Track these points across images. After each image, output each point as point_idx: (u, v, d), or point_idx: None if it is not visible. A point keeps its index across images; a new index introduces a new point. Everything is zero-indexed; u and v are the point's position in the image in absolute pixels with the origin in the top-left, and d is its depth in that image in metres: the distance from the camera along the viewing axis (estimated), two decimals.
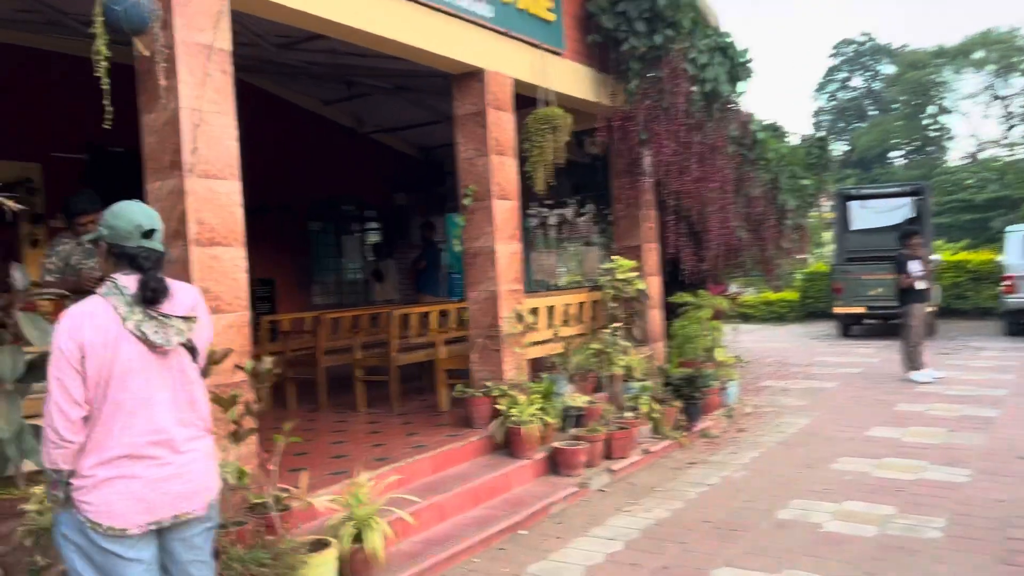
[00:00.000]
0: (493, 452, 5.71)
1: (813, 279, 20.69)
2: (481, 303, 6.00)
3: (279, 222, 11.97)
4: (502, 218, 5.98)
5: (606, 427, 6.17)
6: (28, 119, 9.20)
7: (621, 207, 7.81)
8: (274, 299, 11.97)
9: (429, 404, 7.15)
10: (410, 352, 7.14)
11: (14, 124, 9.08)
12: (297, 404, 7.61)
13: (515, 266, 6.07)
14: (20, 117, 8.88)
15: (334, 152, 12.69)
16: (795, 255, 11.25)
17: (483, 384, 5.96)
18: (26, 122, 8.90)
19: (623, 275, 5.89)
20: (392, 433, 5.97)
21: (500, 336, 5.89)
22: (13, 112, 8.92)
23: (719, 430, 7.48)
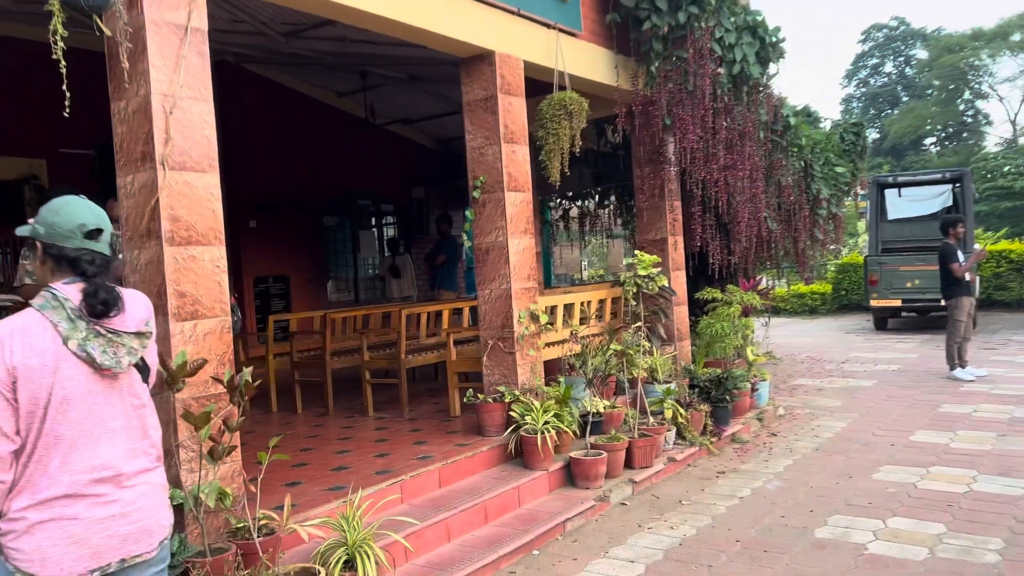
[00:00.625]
0: (505, 462, 5.33)
1: (846, 271, 20.03)
2: (492, 302, 5.61)
3: (294, 218, 11.68)
4: (515, 211, 5.58)
5: (628, 434, 5.76)
6: (34, 115, 8.95)
7: (644, 198, 7.36)
8: (289, 296, 11.68)
9: (441, 407, 6.79)
10: (421, 354, 6.77)
11: (20, 120, 8.84)
12: (304, 408, 7.29)
13: (529, 262, 5.67)
14: (26, 113, 8.65)
15: (349, 145, 12.37)
16: (829, 246, 10.72)
17: (495, 389, 5.58)
18: (32, 118, 8.64)
19: (646, 271, 5.47)
20: (399, 441, 5.60)
21: (513, 337, 5.50)
22: (19, 108, 8.69)
23: (750, 435, 7.03)
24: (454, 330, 6.50)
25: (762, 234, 8.31)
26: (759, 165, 7.51)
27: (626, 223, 13.02)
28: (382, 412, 6.85)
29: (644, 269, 5.48)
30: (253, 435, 6.24)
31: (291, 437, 6.09)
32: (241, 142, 11.03)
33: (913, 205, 14.95)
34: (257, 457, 3.71)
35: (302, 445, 5.75)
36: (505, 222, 5.51)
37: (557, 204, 13.04)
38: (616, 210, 12.67)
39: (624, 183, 10.91)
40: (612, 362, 5.56)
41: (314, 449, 5.57)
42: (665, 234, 7.51)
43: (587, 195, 12.71)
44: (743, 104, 7.23)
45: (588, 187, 12.54)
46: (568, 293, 7.27)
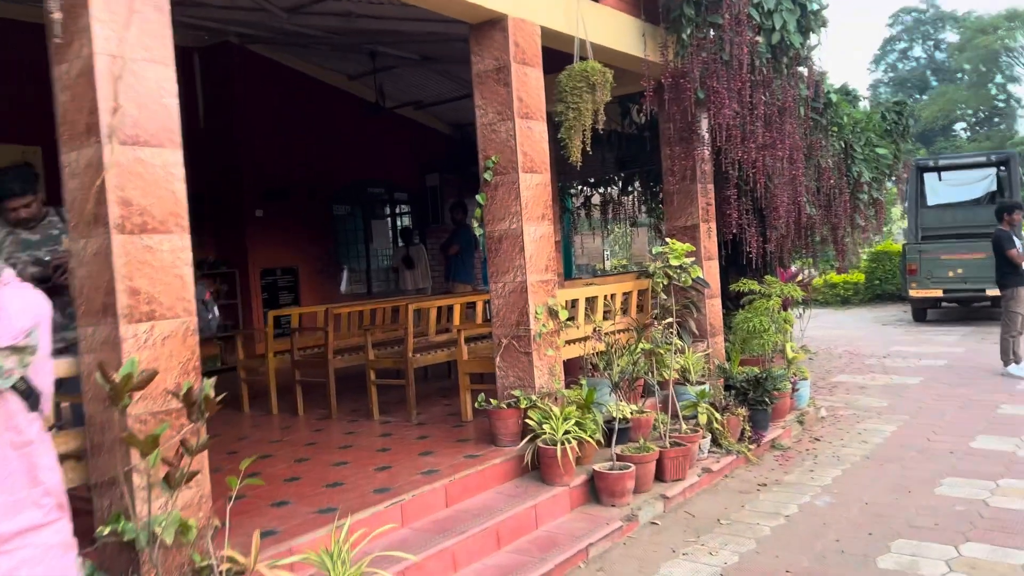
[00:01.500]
0: (521, 476, 4.76)
1: (880, 260, 19.23)
2: (506, 296, 5.03)
3: (302, 206, 11.16)
4: (530, 194, 4.99)
5: (658, 442, 5.17)
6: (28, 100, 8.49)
7: (673, 180, 6.73)
8: (298, 289, 11.18)
9: (453, 410, 6.23)
10: (430, 352, 6.21)
11: (13, 105, 8.36)
12: (306, 410, 6.77)
13: (547, 251, 5.09)
14: (19, 98, 8.17)
15: (361, 131, 11.82)
16: (870, 233, 10.02)
17: (509, 393, 5.01)
18: (26, 103, 8.16)
19: (678, 260, 4.87)
20: (403, 451, 5.05)
21: (529, 336, 4.92)
22: (12, 92, 8.21)
23: (791, 440, 6.41)
24: (466, 326, 5.94)
25: (800, 220, 7.67)
26: (799, 144, 6.85)
27: (651, 210, 12.40)
28: (388, 415, 6.31)
29: (676, 259, 4.88)
30: (247, 441, 5.73)
31: (288, 444, 5.56)
32: (247, 126, 10.51)
33: (955, 190, 14.15)
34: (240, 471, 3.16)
35: (298, 454, 5.22)
36: (520, 207, 4.92)
37: (578, 191, 12.42)
38: (641, 197, 12.04)
39: (650, 167, 10.27)
40: (640, 363, 4.97)
41: (310, 459, 5.04)
42: (696, 220, 6.88)
43: (610, 181, 12.09)
44: (783, 77, 6.58)
45: (611, 172, 11.91)
46: (590, 285, 6.68)
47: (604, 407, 5.31)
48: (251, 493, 4.30)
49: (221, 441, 5.86)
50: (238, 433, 6.12)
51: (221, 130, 10.47)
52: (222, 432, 6.19)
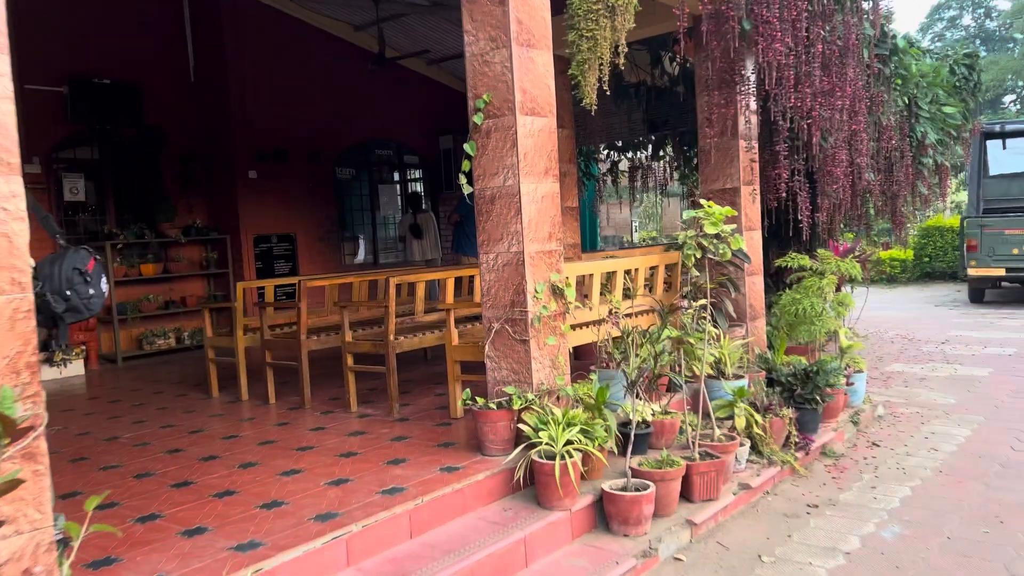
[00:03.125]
0: (511, 496, 3.82)
1: (930, 235, 17.89)
2: (498, 271, 4.05)
3: (302, 168, 10.24)
4: (531, 143, 3.99)
5: (684, 451, 4.20)
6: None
7: (712, 133, 5.65)
8: (295, 258, 10.30)
9: (442, 403, 5.31)
10: (416, 334, 5.27)
11: None
12: (279, 397, 5.90)
13: (550, 215, 4.09)
14: None
15: (367, 88, 10.84)
16: (932, 203, 8.86)
17: (500, 390, 4.05)
18: None
19: (715, 227, 3.85)
20: (371, 457, 4.13)
21: (526, 320, 3.95)
22: None
23: (844, 445, 5.40)
24: (457, 305, 4.97)
25: (856, 186, 6.57)
26: (862, 94, 5.75)
27: (684, 177, 11.32)
28: (370, 406, 5.41)
29: (713, 225, 3.86)
30: (200, 436, 4.86)
31: (241, 442, 4.68)
32: (241, 80, 9.58)
33: (1022, 159, 12.83)
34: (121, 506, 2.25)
35: (247, 456, 4.32)
36: (517, 159, 3.93)
37: (604, 155, 11.36)
38: (673, 162, 10.95)
39: (684, 128, 9.20)
40: (666, 355, 3.98)
41: (258, 465, 4.14)
42: (737, 183, 5.82)
43: (639, 144, 11.01)
44: (844, 10, 5.46)
45: (640, 134, 10.84)
46: (609, 259, 5.69)
47: (619, 407, 4.35)
48: (173, 513, 3.43)
49: (172, 434, 5.01)
50: (194, 424, 5.25)
51: (213, 84, 9.56)
52: (178, 423, 5.35)
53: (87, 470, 4.26)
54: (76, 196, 8.79)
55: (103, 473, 4.18)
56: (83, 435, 5.18)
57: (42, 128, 8.46)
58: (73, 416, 5.89)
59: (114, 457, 4.51)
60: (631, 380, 3.85)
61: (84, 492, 3.84)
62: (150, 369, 8.20)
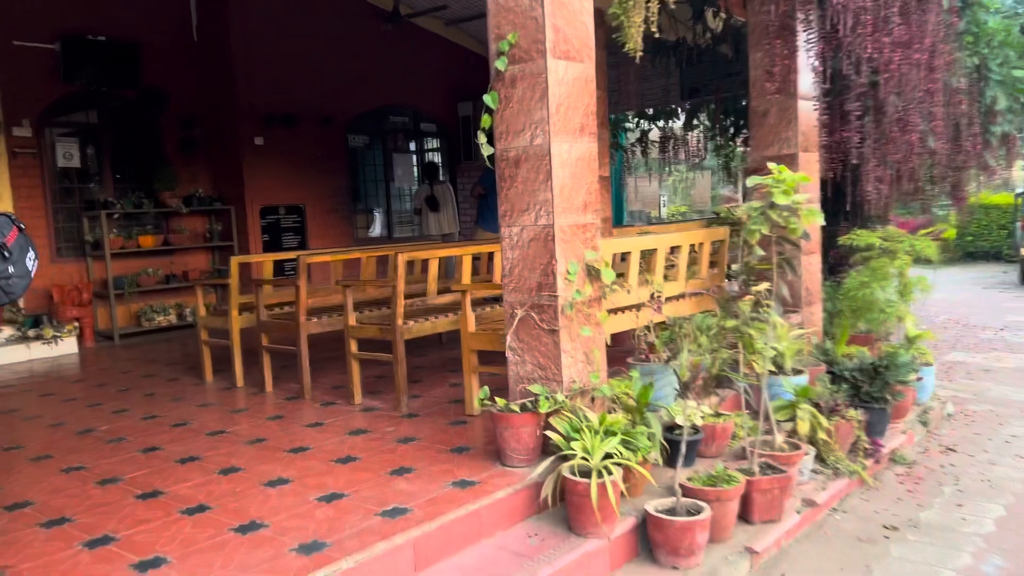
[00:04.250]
0: (537, 516, 3.20)
1: (973, 213, 16.95)
2: (523, 247, 3.41)
3: (312, 135, 9.60)
4: (564, 93, 3.32)
5: (740, 462, 3.57)
6: None
7: (772, 87, 4.91)
8: (304, 230, 9.71)
9: (457, 396, 4.70)
10: (427, 318, 4.65)
11: None
12: (276, 385, 5.32)
13: (586, 181, 3.44)
14: None
15: (382, 50, 10.15)
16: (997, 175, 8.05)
17: (525, 389, 3.42)
18: None
19: (787, 197, 3.17)
20: (372, 464, 3.53)
21: (556, 307, 3.31)
22: None
23: (915, 449, 4.73)
24: (473, 286, 4.34)
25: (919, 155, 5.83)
26: (942, 47, 5.00)
27: (720, 148, 10.60)
28: (374, 399, 4.81)
29: (785, 195, 3.17)
30: (183, 431, 4.28)
31: (226, 441, 4.09)
32: (246, 36, 8.93)
33: None
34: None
35: (231, 460, 3.74)
36: (547, 113, 3.26)
37: (634, 124, 10.64)
38: (709, 132, 10.23)
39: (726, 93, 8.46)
40: (724, 351, 3.33)
41: (241, 471, 3.55)
42: (794, 148, 5.12)
43: (672, 112, 10.28)
44: None
45: (675, 102, 10.11)
46: (648, 235, 5.04)
47: (665, 408, 3.71)
48: (126, 536, 2.85)
49: (153, 427, 4.45)
50: (180, 415, 4.68)
51: (216, 44, 8.92)
52: (162, 413, 4.78)
53: (47, 473, 3.70)
54: (70, 162, 8.22)
55: (63, 477, 3.61)
56: (55, 427, 4.63)
57: (33, 88, 7.87)
58: (51, 403, 5.34)
59: (82, 456, 3.94)
60: (684, 381, 3.20)
61: (35, 502, 3.28)
62: (147, 348, 7.66)
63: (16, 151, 7.81)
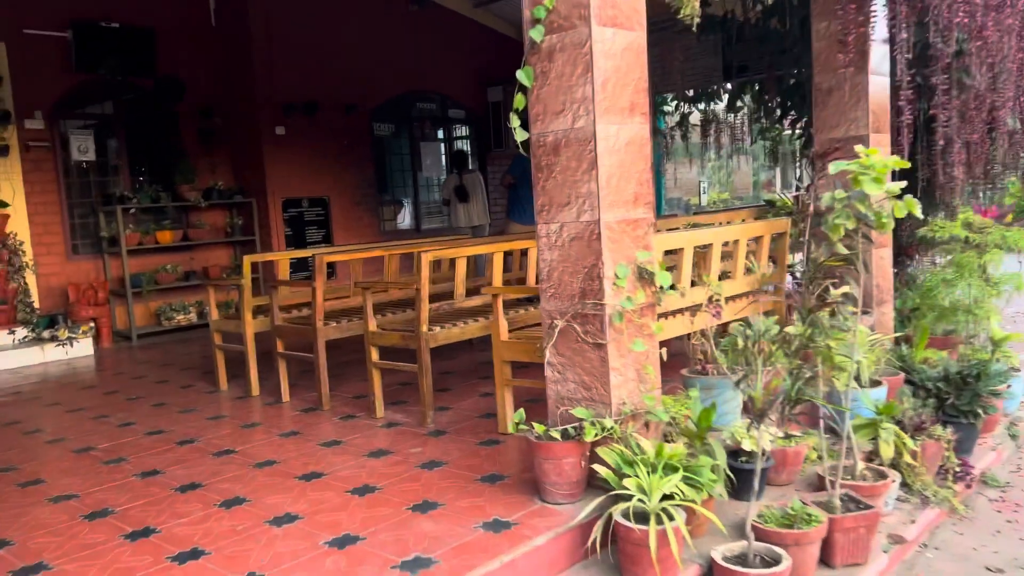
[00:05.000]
0: (583, 563, 2.74)
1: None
2: (563, 247, 2.93)
3: (335, 123, 9.19)
4: (612, 67, 2.83)
5: (817, 494, 3.07)
6: None
7: (842, 59, 4.33)
8: (328, 224, 9.32)
9: (487, 409, 4.25)
10: (455, 324, 4.20)
11: None
12: (294, 394, 4.92)
13: (636, 169, 2.95)
14: None
15: (409, 33, 9.70)
16: None
17: (567, 413, 2.96)
18: None
19: (877, 186, 2.64)
20: (392, 497, 3.09)
21: (603, 316, 2.83)
22: None
23: (1006, 468, 4.18)
24: (505, 290, 3.87)
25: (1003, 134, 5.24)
26: None
27: (765, 131, 10.02)
28: (398, 411, 4.39)
29: (875, 183, 2.64)
30: (186, 453, 3.89)
31: (233, 463, 3.68)
32: (266, 21, 8.53)
33: None
34: None
35: (234, 489, 3.33)
36: (591, 90, 2.78)
37: (673, 107, 10.08)
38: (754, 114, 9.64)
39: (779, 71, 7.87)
40: (807, 371, 2.82)
41: (246, 502, 3.14)
42: (864, 129, 4.56)
43: (714, 94, 9.69)
44: None
45: (716, 82, 9.52)
46: (698, 227, 4.55)
47: (727, 430, 3.22)
48: None
49: (157, 445, 4.06)
50: (188, 431, 4.29)
51: (235, 30, 8.53)
52: (169, 428, 4.40)
53: (34, 502, 3.32)
54: (85, 155, 7.89)
55: (50, 509, 3.22)
56: (54, 443, 4.27)
57: (44, 78, 7.55)
58: (55, 414, 5.00)
59: (75, 481, 3.57)
60: (760, 408, 2.70)
61: (14, 542, 2.89)
62: (165, 349, 7.33)
63: (29, 144, 7.50)
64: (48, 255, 7.63)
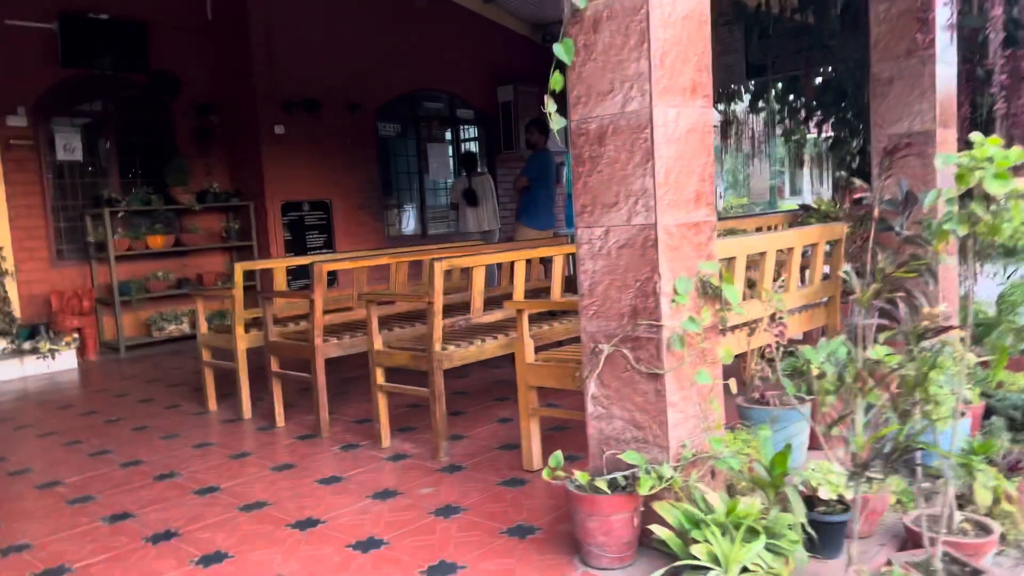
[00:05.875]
0: None
1: None
2: (610, 256, 2.43)
3: (338, 122, 8.70)
4: (671, 38, 2.33)
5: (911, 553, 2.55)
6: None
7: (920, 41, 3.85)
8: (330, 229, 8.82)
9: (508, 438, 3.74)
10: (472, 342, 3.69)
11: None
12: (289, 417, 4.41)
13: (700, 162, 2.45)
14: None
15: (416, 30, 9.21)
16: None
17: (614, 458, 2.45)
18: None
19: (1001, 184, 2.14)
20: (401, 556, 2.58)
21: (660, 340, 2.32)
22: None
23: None
24: (531, 304, 3.37)
25: None
26: None
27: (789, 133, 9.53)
28: (406, 440, 3.88)
29: (1000, 181, 2.12)
30: (171, 484, 3.37)
31: (217, 504, 3.18)
32: (265, 14, 8.04)
33: None
34: None
35: (215, 540, 2.82)
36: (647, 64, 2.28)
37: None
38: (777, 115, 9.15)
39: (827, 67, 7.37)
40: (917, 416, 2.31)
41: (226, 558, 2.63)
42: (930, 123, 4.06)
43: (734, 94, 9.21)
44: None
45: (738, 82, 9.05)
46: (745, 236, 4.06)
47: (800, 476, 2.71)
48: None
49: (132, 479, 3.57)
50: (169, 461, 3.79)
51: (233, 23, 8.04)
52: (148, 458, 3.90)
53: None
54: (71, 155, 7.41)
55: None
56: (16, 475, 3.77)
57: (29, 72, 7.07)
58: (23, 439, 4.50)
59: (31, 527, 3.06)
60: (862, 462, 2.18)
61: None
62: (155, 361, 6.84)
63: (11, 143, 7.02)
64: (30, 261, 7.14)
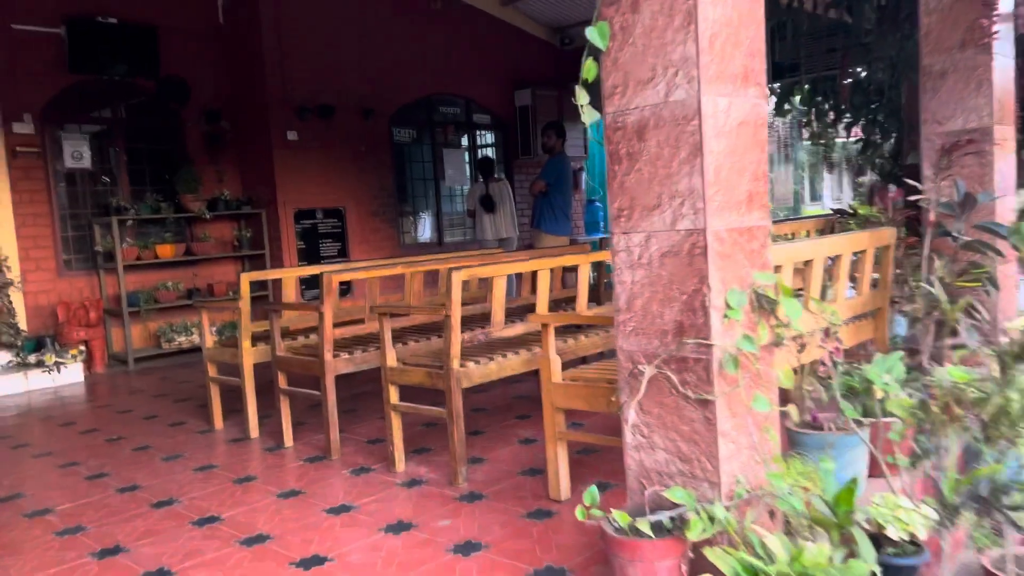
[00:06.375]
0: None
1: None
2: (651, 267, 2.15)
3: (352, 128, 8.47)
4: (721, 18, 2.05)
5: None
6: None
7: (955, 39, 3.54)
8: (344, 237, 8.59)
9: (530, 462, 3.46)
10: (490, 359, 3.41)
11: None
12: (298, 438, 4.15)
13: (754, 158, 2.17)
14: None
15: (431, 33, 9.00)
16: None
17: (656, 494, 2.16)
18: None
19: None
20: None
21: (709, 360, 2.04)
22: None
23: None
24: (558, 317, 3.09)
25: None
26: None
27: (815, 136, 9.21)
28: (421, 464, 3.61)
29: None
30: (169, 512, 3.11)
31: (215, 536, 2.92)
32: (277, 18, 7.84)
33: None
34: None
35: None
36: (696, 47, 2.00)
37: None
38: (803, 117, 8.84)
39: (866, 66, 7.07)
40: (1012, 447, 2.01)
41: None
42: (987, 120, 3.75)
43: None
44: None
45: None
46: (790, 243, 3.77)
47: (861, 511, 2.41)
48: None
49: (127, 507, 3.32)
50: (168, 487, 3.54)
51: (244, 27, 7.85)
52: (147, 483, 3.66)
53: None
54: (79, 163, 7.21)
55: None
56: (6, 501, 3.53)
57: (35, 79, 6.90)
58: (18, 459, 4.26)
59: (15, 561, 2.82)
60: (956, 504, 1.88)
61: None
62: (163, 375, 6.62)
63: (17, 150, 6.84)
64: (37, 271, 6.95)
